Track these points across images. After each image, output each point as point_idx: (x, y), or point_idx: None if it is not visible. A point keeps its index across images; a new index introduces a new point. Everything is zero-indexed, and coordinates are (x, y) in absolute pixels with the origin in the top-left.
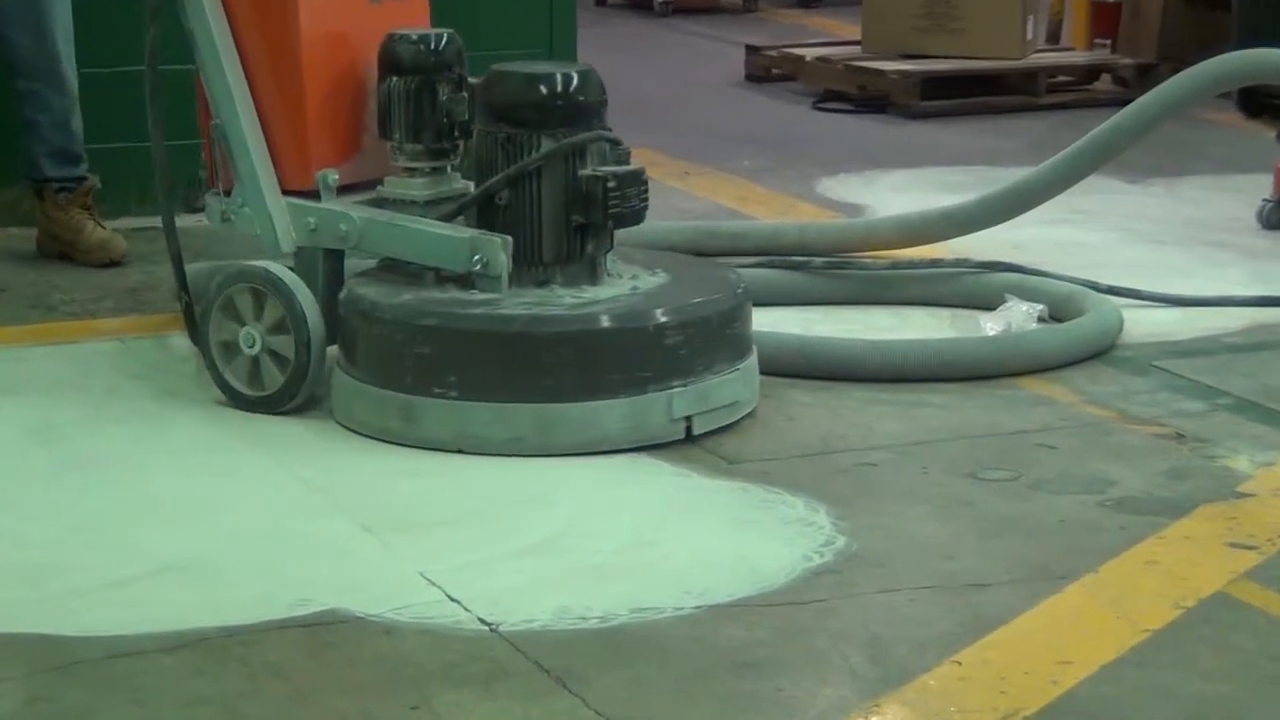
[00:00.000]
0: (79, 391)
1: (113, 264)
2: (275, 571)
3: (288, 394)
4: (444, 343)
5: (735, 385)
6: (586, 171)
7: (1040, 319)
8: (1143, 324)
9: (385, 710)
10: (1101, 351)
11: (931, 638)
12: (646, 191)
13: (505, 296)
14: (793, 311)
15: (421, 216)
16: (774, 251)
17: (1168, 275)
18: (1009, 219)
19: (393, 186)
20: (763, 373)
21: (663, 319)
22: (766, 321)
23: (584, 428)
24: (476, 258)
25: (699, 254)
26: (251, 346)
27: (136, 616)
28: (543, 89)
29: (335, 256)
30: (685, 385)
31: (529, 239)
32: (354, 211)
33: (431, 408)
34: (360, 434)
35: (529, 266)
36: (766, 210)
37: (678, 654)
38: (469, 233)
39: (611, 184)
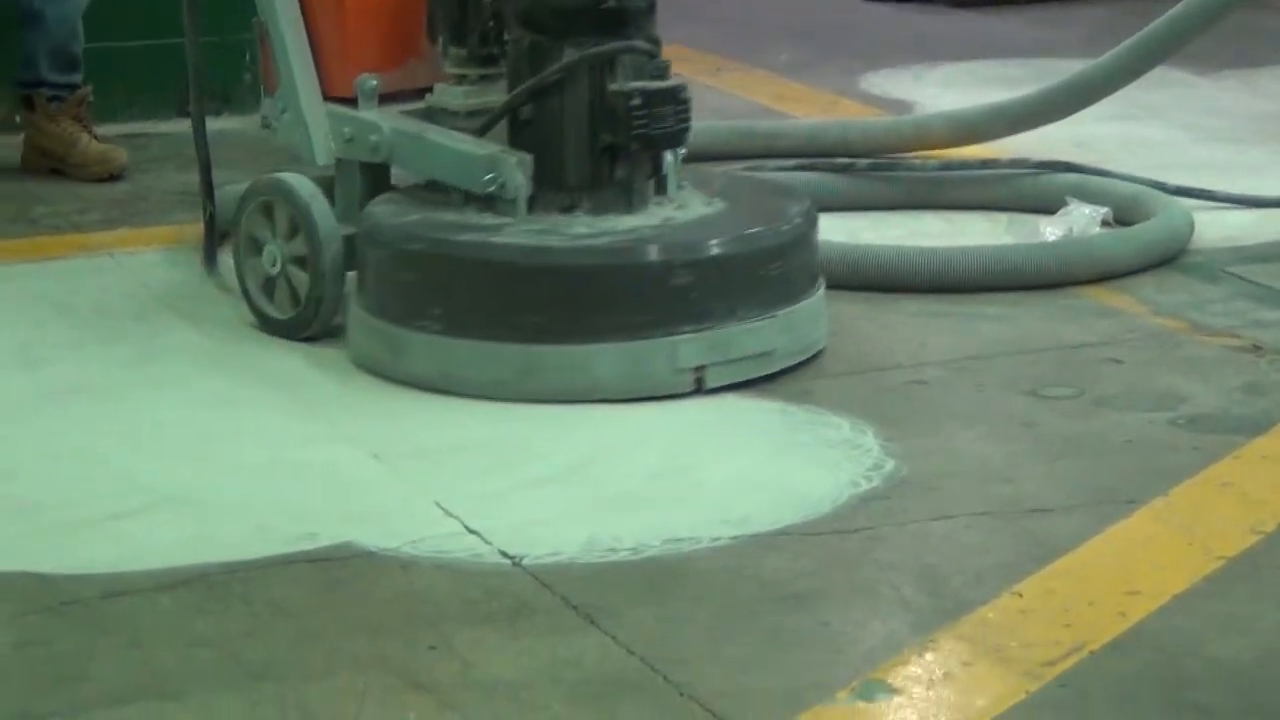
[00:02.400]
0: (65, 311)
1: (111, 178)
2: (279, 503)
3: (305, 318)
4: (428, 270)
5: (768, 334)
6: (615, 87)
7: (1104, 223)
8: (1215, 227)
9: (401, 651)
10: (1171, 257)
11: (989, 567)
12: (686, 111)
13: (517, 222)
14: (836, 217)
15: (459, 129)
16: (814, 153)
17: (1242, 174)
18: (1069, 115)
19: (437, 95)
20: None
21: (669, 257)
22: None
23: (572, 373)
24: (489, 177)
25: (733, 157)
26: (275, 265)
27: (132, 553)
28: None
29: (376, 171)
30: (696, 332)
31: (553, 159)
32: (385, 121)
33: (416, 341)
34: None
35: (553, 190)
36: (806, 108)
37: (715, 587)
38: (486, 150)
39: (637, 101)
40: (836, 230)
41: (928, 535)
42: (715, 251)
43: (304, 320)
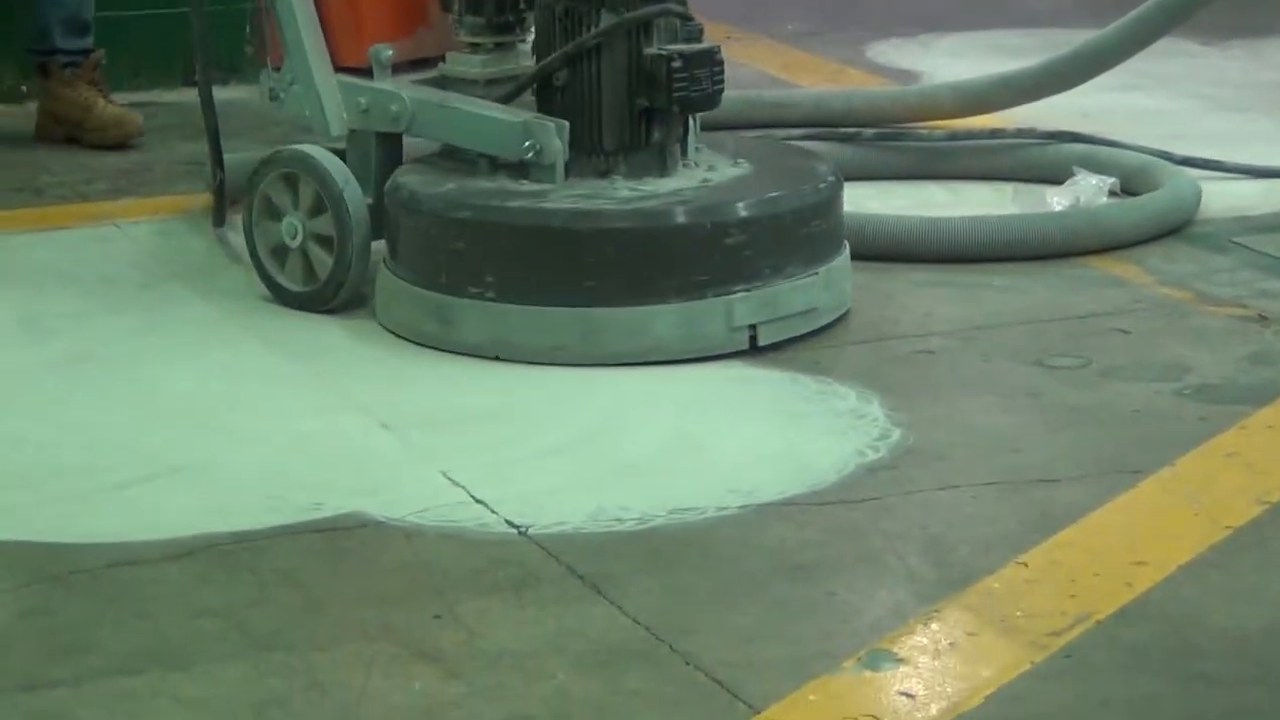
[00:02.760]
0: (71, 281)
1: (126, 143)
2: (287, 473)
3: (325, 294)
4: (481, 238)
5: (812, 291)
6: (651, 50)
7: (1111, 193)
8: (1222, 197)
9: (406, 620)
10: (1177, 227)
11: (995, 537)
12: (721, 72)
13: (559, 188)
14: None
15: (480, 97)
16: (820, 122)
17: (1249, 144)
18: (1076, 85)
19: (453, 64)
20: None
21: (723, 217)
22: None
23: (632, 335)
24: (528, 144)
25: (740, 126)
26: (294, 238)
27: (139, 522)
28: None
29: (391, 141)
30: (749, 290)
31: (589, 124)
32: (406, 91)
33: (468, 309)
34: (396, 335)
35: (589, 155)
36: (812, 77)
37: (721, 557)
38: (522, 117)
39: (677, 64)
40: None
41: (934, 505)
42: (763, 211)
43: (323, 296)
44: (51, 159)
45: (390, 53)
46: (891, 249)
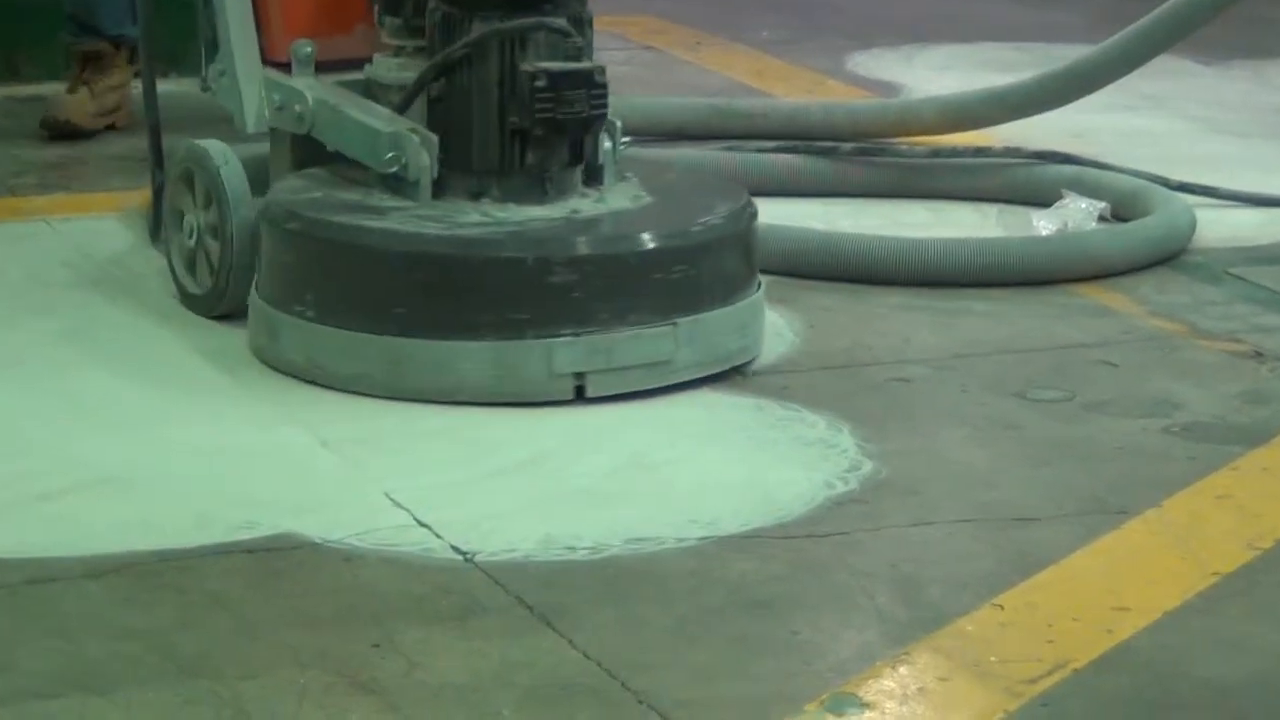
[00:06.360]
0: None
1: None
2: (218, 489)
3: (218, 289)
4: (303, 253)
5: (662, 343)
6: (526, 67)
7: (1101, 218)
8: (1218, 225)
9: (343, 648)
10: (1170, 256)
11: (970, 577)
12: (602, 95)
13: (418, 206)
14: (817, 203)
15: (390, 104)
16: (797, 134)
17: (1248, 171)
18: (1067, 103)
19: (374, 67)
20: (782, 272)
21: (550, 253)
22: (787, 213)
23: (438, 371)
24: (390, 156)
25: (711, 136)
26: (190, 237)
27: (61, 536)
28: None
29: (310, 142)
30: (577, 335)
31: (461, 142)
32: (311, 91)
33: (289, 327)
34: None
35: (462, 175)
36: (788, 88)
37: (680, 590)
38: (393, 127)
39: (542, 83)
40: (815, 217)
41: (905, 541)
42: (603, 250)
43: (217, 293)
44: None
45: (310, 49)
46: (865, 270)
